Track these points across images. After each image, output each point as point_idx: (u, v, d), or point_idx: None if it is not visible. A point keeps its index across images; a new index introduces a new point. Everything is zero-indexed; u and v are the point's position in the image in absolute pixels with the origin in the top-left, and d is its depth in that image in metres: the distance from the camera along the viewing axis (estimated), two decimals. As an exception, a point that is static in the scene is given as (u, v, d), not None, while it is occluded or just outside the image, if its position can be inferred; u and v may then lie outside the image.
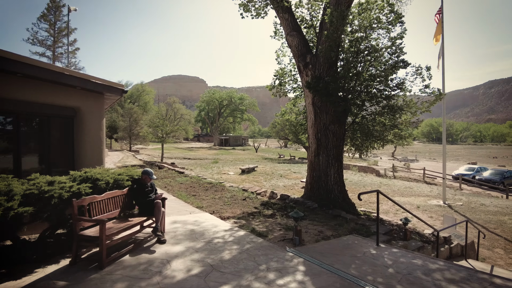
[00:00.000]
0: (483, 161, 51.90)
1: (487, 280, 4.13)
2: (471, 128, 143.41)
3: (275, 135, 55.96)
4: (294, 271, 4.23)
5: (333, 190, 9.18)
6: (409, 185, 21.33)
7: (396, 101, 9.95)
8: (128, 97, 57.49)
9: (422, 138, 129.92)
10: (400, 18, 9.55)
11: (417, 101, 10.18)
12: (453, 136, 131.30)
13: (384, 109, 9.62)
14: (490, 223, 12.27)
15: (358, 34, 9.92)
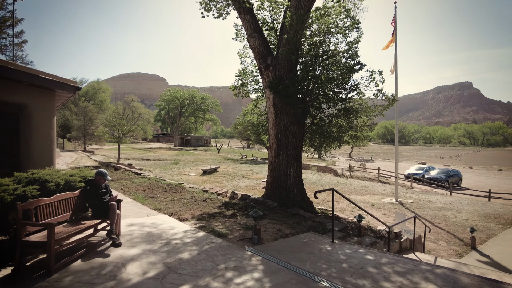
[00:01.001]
0: (431, 161, 55.77)
1: (430, 270, 4.47)
2: (422, 130, 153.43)
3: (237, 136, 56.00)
4: (252, 270, 4.29)
5: (292, 189, 9.39)
6: (365, 184, 22.36)
7: (352, 104, 10.42)
8: (82, 94, 54.57)
9: (377, 139, 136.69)
10: (357, 24, 9.98)
11: (372, 104, 10.73)
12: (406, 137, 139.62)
13: (340, 111, 10.03)
14: (436, 218, 13.23)
15: (316, 38, 10.26)
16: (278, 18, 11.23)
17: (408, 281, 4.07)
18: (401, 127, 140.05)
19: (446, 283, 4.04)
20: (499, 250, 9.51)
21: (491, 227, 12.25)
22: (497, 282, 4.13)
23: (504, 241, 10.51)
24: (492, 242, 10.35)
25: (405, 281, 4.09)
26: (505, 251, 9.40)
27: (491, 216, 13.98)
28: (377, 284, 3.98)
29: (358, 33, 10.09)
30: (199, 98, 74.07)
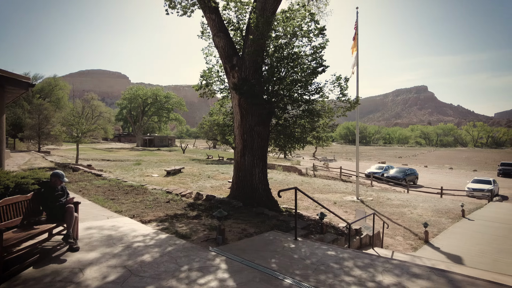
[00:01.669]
0: (390, 160, 58.54)
1: (386, 263, 4.72)
2: (382, 131, 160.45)
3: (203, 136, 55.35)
4: (216, 270, 4.29)
5: (257, 189, 9.48)
6: (328, 183, 23.04)
7: (315, 106, 10.71)
8: (37, 91, 51.22)
9: (339, 139, 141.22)
10: (322, 30, 10.20)
11: (334, 106, 11.10)
12: (367, 138, 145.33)
13: (304, 112, 10.27)
14: (394, 215, 13.94)
15: (282, 41, 10.43)
16: (244, 18, 11.27)
17: (366, 275, 4.27)
18: (362, 128, 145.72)
19: (400, 275, 4.29)
20: (448, 242, 10.22)
21: (442, 221, 13.12)
22: (444, 271, 4.45)
23: (452, 234, 11.30)
24: (442, 236, 11.09)
25: (364, 274, 4.29)
26: (453, 243, 10.12)
27: (442, 212, 14.96)
28: (338, 278, 4.14)
29: (323, 39, 10.34)
30: (163, 96, 72.20)
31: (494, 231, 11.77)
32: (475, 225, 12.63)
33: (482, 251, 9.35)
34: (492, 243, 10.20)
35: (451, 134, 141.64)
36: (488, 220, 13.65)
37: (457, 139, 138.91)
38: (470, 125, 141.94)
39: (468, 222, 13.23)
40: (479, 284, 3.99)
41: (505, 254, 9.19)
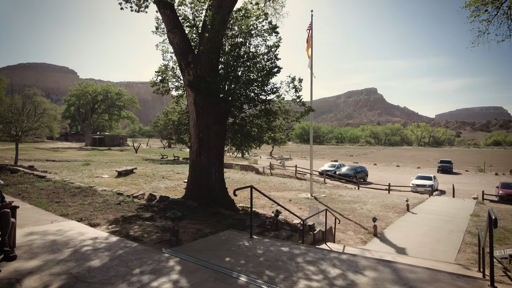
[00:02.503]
0: (342, 158, 61.15)
1: (337, 257, 4.93)
2: (334, 131, 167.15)
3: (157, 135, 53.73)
4: (169, 271, 4.18)
5: (214, 188, 9.40)
6: (284, 181, 23.51)
7: (272, 106, 10.87)
8: (-33, 85, 46.23)
9: (295, 139, 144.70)
10: (275, 28, 10.41)
11: (290, 108, 11.35)
12: (321, 137, 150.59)
13: (260, 112, 10.37)
14: (345, 211, 14.58)
15: (238, 39, 10.44)
16: (200, 15, 11.11)
17: (318, 269, 4.43)
18: (316, 128, 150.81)
19: (349, 267, 4.51)
20: (394, 235, 10.92)
21: (389, 216, 13.99)
22: (390, 262, 4.76)
23: (398, 227, 12.10)
24: (389, 229, 11.82)
25: (316, 269, 4.44)
26: (399, 235, 10.84)
27: (389, 206, 15.95)
28: (291, 273, 4.24)
29: (277, 38, 10.56)
30: (114, 93, 68.52)
31: (433, 222, 12.80)
32: (418, 218, 13.63)
33: (423, 242, 10.13)
34: (431, 234, 11.08)
35: (398, 134, 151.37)
36: (428, 213, 14.80)
37: (403, 138, 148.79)
38: (414, 126, 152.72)
39: (412, 215, 14.24)
40: (418, 271, 4.33)
41: (441, 243, 10.04)
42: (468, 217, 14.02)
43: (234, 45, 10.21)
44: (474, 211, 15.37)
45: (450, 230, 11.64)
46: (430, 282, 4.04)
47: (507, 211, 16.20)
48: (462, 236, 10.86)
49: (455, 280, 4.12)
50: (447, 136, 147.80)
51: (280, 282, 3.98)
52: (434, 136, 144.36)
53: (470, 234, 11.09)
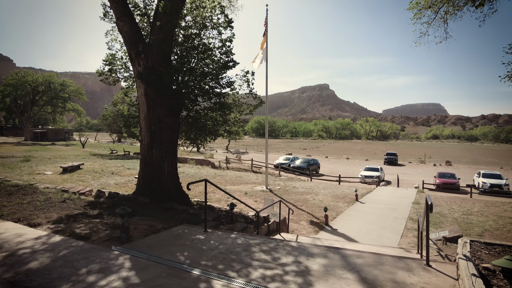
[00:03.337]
0: (296, 152, 62.75)
1: (290, 247, 5.06)
2: (289, 125, 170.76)
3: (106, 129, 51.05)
4: (119, 269, 4.01)
5: (167, 183, 9.15)
6: (240, 174, 23.58)
7: (227, 99, 10.79)
8: None
9: (251, 133, 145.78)
10: (230, 23, 10.30)
11: (245, 101, 11.36)
12: (276, 131, 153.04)
13: (215, 105, 10.25)
14: (298, 202, 15.01)
15: (192, 31, 10.18)
16: (152, 4, 10.65)
17: (271, 258, 4.51)
18: (272, 122, 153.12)
19: (301, 255, 4.65)
20: (344, 224, 11.48)
21: (340, 205, 14.65)
22: (339, 249, 4.99)
23: (348, 216, 12.73)
24: (339, 218, 12.39)
25: (269, 258, 4.52)
26: (348, 224, 11.41)
27: (340, 197, 16.70)
28: (245, 264, 4.27)
29: (231, 32, 10.48)
30: (58, 84, 63.27)
31: (379, 211, 13.66)
32: (365, 207, 14.45)
33: (370, 229, 10.77)
34: (377, 221, 11.81)
35: (348, 128, 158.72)
36: (375, 202, 15.75)
37: (353, 132, 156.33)
38: (363, 120, 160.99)
39: (360, 205, 15.05)
40: (365, 256, 4.60)
41: (386, 229, 10.75)
42: (410, 205, 15.17)
43: (187, 36, 9.95)
44: (415, 199, 16.66)
45: (394, 217, 12.50)
46: (375, 265, 4.31)
47: (442, 198, 17.77)
48: (405, 222, 11.72)
49: (397, 262, 4.43)
50: (393, 130, 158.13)
51: (234, 273, 4.00)
52: (381, 130, 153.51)
53: (411, 220, 12.00)
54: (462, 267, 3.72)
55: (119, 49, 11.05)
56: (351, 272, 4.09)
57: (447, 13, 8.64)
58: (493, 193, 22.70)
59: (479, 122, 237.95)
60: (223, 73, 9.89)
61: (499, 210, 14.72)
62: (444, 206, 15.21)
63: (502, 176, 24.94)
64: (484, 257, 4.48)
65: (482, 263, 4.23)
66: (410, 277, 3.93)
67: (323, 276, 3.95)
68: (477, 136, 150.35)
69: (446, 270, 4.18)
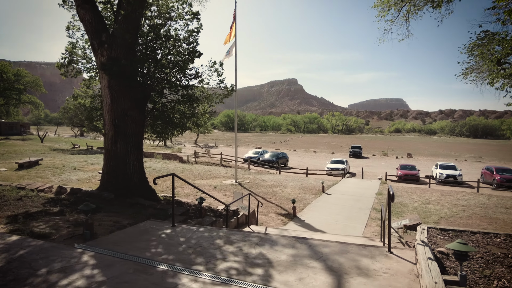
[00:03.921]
0: (266, 146, 63.18)
1: (257, 237, 5.12)
2: (258, 119, 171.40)
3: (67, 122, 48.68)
4: (83, 267, 3.86)
5: (132, 178, 8.89)
6: (209, 168, 23.41)
7: (195, 91, 10.61)
8: None
9: (221, 127, 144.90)
10: (197, 15, 10.11)
11: (213, 93, 11.23)
12: (245, 125, 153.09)
13: (183, 97, 10.06)
14: (268, 194, 15.18)
15: (157, 21, 9.89)
16: (115, -9, 10.20)
17: (239, 250, 4.55)
18: (241, 116, 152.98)
19: (269, 246, 4.72)
20: (312, 215, 11.77)
21: (307, 197, 14.99)
22: (306, 239, 5.12)
23: (315, 207, 13.06)
24: (307, 209, 12.69)
25: (237, 250, 4.55)
26: (315, 215, 11.72)
27: (307, 189, 17.08)
28: (213, 257, 4.27)
29: (198, 23, 10.29)
30: (12, 74, 58.90)
31: (345, 202, 14.14)
32: (332, 198, 14.90)
33: (336, 219, 11.13)
34: (343, 212, 12.23)
35: (316, 122, 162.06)
36: (341, 194, 16.28)
37: (320, 126, 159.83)
38: (329, 115, 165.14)
39: (327, 196, 15.49)
40: (331, 245, 4.76)
41: (351, 219, 11.16)
42: (374, 195, 15.83)
43: (153, 27, 9.65)
44: (378, 190, 17.41)
45: (359, 207, 13.00)
46: (341, 254, 4.47)
47: (404, 189, 18.71)
48: (369, 212, 12.23)
49: (361, 250, 4.63)
50: (358, 124, 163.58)
51: (202, 266, 3.99)
52: (347, 124, 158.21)
53: (375, 210, 12.54)
54: (419, 252, 3.96)
55: (81, 38, 10.51)
56: (318, 261, 4.22)
57: (409, 12, 8.99)
58: (449, 183, 24.26)
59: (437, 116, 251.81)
60: (189, 64, 9.71)
61: (454, 199, 15.75)
62: (405, 196, 16.02)
63: (456, 167, 26.66)
64: (439, 242, 4.79)
65: (437, 247, 4.52)
66: (373, 264, 4.11)
67: (291, 266, 4.04)
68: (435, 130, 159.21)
69: (406, 255, 4.42)
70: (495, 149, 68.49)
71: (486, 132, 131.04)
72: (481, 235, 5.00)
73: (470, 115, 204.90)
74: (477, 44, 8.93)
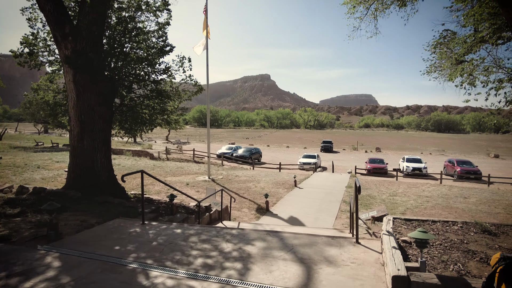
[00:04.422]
0: (239, 141, 63.17)
1: (230, 233, 5.13)
2: (232, 115, 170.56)
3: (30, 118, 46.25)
4: (46, 269, 3.71)
5: (100, 176, 8.60)
6: (181, 165, 23.09)
7: (164, 87, 10.39)
8: None
9: (193, 122, 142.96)
10: (167, 5, 9.89)
11: (183, 89, 11.05)
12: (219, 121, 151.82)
13: (152, 93, 9.82)
14: (241, 190, 15.21)
15: (125, 13, 9.57)
16: (80, -19, 9.73)
17: (212, 246, 4.54)
18: (214, 111, 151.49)
19: (241, 241, 4.75)
20: (284, 209, 11.94)
21: (280, 191, 15.18)
22: (277, 232, 5.20)
23: (287, 201, 13.26)
24: (280, 203, 12.85)
25: (210, 246, 4.54)
26: (288, 209, 11.90)
27: (280, 183, 17.28)
28: (184, 254, 4.24)
29: (168, 15, 10.08)
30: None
31: (316, 195, 14.45)
32: (303, 192, 15.18)
33: (308, 212, 11.36)
34: (314, 205, 12.51)
35: (288, 118, 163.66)
36: (312, 187, 16.62)
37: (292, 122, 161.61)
38: (302, 110, 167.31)
39: (299, 190, 15.76)
40: (301, 237, 4.86)
41: (322, 212, 11.44)
42: (344, 188, 16.29)
43: (121, 19, 9.33)
44: (348, 183, 17.93)
45: (330, 200, 13.33)
46: (310, 245, 4.58)
47: (372, 182, 19.38)
48: (339, 205, 12.58)
49: (330, 241, 4.76)
50: (329, 119, 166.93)
51: (173, 263, 3.95)
52: (318, 120, 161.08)
53: (344, 202, 12.91)
54: (385, 242, 4.13)
55: (42, 29, 9.96)
56: (288, 253, 4.29)
57: (377, 10, 9.25)
58: (415, 175, 25.42)
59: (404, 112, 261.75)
60: (159, 59, 9.49)
61: (419, 190, 16.53)
62: (374, 189, 16.61)
63: (421, 160, 27.92)
64: (404, 232, 5.02)
65: (401, 236, 4.74)
66: (341, 254, 4.25)
67: (262, 259, 4.09)
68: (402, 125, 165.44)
69: (372, 245, 4.60)
70: (457, 143, 72.38)
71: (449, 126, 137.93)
72: (441, 224, 5.29)
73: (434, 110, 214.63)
74: (439, 43, 9.37)
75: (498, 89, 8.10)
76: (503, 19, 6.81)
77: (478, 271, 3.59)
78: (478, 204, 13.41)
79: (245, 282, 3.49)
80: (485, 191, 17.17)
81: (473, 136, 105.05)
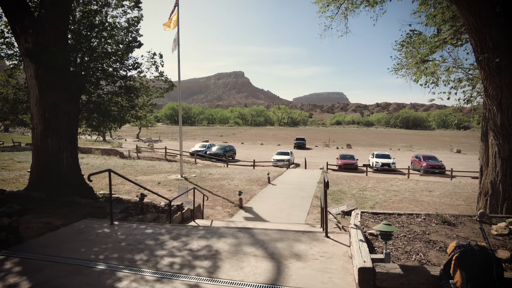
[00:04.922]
0: (213, 139, 62.68)
1: (201, 231, 5.10)
2: (205, 112, 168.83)
3: (-12, 116, 43.57)
4: (5, 276, 3.53)
5: (67, 176, 8.25)
6: (152, 164, 22.63)
7: (133, 83, 10.12)
8: None
9: (165, 120, 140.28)
10: (138, 3, 9.63)
11: (154, 85, 10.81)
12: (192, 118, 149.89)
13: (121, 89, 9.54)
14: (214, 188, 15.13)
15: (92, 7, 9.22)
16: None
17: (182, 244, 4.49)
18: (187, 108, 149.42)
19: (212, 238, 4.74)
20: (258, 205, 12.01)
21: (253, 188, 15.24)
22: (249, 228, 5.23)
23: (261, 198, 13.34)
24: (253, 200, 12.91)
25: (180, 244, 4.49)
26: (261, 205, 11.99)
27: (254, 180, 17.35)
28: (154, 253, 4.18)
29: (139, 13, 9.83)
30: None
31: (289, 191, 14.65)
32: (277, 189, 15.33)
33: (281, 208, 11.50)
34: (287, 201, 12.67)
35: (262, 115, 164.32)
36: (285, 184, 16.82)
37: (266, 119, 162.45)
38: (276, 108, 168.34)
39: (272, 186, 15.91)
40: (271, 233, 4.92)
41: (295, 208, 11.62)
42: (316, 184, 16.61)
43: (87, 13, 8.98)
44: (320, 179, 18.30)
45: (302, 196, 13.56)
46: (281, 241, 4.64)
47: (343, 177, 19.90)
48: (311, 200, 12.82)
49: (300, 236, 4.85)
50: (302, 117, 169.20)
51: (143, 263, 3.88)
52: (292, 117, 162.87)
53: (316, 198, 13.17)
54: (352, 235, 4.26)
55: (-1, 21, 9.39)
56: (259, 249, 4.33)
57: (347, 10, 9.47)
58: (384, 170, 26.38)
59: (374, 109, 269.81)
60: (128, 54, 9.23)
61: (387, 185, 17.16)
62: (345, 184, 17.06)
63: (390, 156, 29.01)
64: (371, 225, 5.19)
65: (368, 230, 4.90)
66: (311, 249, 4.34)
67: (233, 256, 4.10)
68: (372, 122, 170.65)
69: (341, 239, 4.73)
70: (423, 139, 75.70)
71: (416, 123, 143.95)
72: (406, 216, 5.52)
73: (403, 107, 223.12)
74: (406, 42, 9.74)
75: (457, 88, 8.55)
76: (462, 22, 7.18)
77: (437, 260, 3.79)
78: (441, 197, 14.12)
79: (215, 279, 3.49)
80: (448, 185, 18.12)
81: (438, 132, 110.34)
